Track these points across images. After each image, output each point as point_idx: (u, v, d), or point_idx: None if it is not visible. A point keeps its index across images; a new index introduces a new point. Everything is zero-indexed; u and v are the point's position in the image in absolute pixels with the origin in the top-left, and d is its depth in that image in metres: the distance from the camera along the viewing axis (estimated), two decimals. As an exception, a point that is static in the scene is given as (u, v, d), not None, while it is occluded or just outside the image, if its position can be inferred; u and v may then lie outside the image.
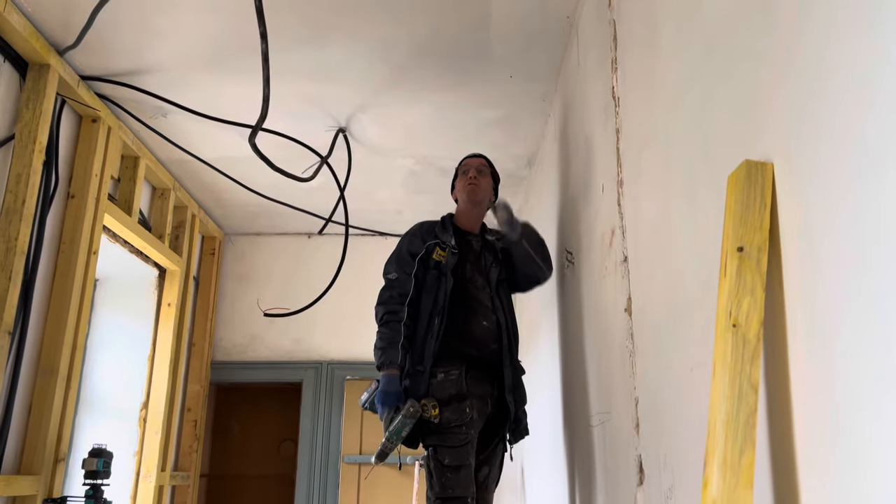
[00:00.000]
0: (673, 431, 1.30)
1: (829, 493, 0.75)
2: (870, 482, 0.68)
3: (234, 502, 4.59)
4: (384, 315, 2.23)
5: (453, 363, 2.16)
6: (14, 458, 2.37)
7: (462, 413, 2.10)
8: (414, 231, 2.37)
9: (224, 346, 4.29)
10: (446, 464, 2.06)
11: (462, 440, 2.09)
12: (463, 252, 2.31)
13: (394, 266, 2.30)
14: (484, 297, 2.29)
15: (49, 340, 2.51)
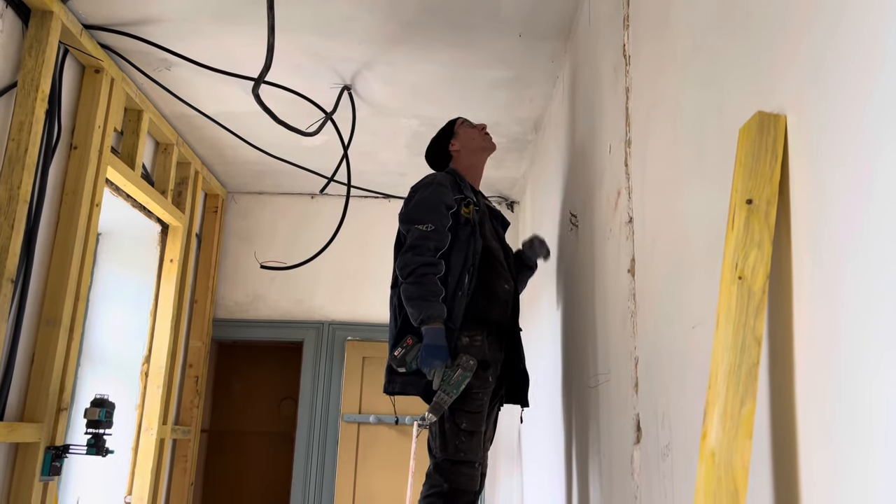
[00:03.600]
0: (672, 390, 1.30)
1: (829, 444, 0.75)
2: (869, 434, 0.68)
3: (234, 458, 4.65)
4: (420, 267, 2.07)
5: (477, 328, 2.11)
6: (17, 406, 2.39)
7: (486, 381, 2.09)
8: (443, 181, 2.22)
9: (226, 304, 4.31)
10: (463, 428, 2.05)
11: (480, 406, 2.09)
12: (481, 210, 2.29)
13: (428, 216, 2.13)
14: (503, 261, 2.28)
15: (52, 291, 2.51)
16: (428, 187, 2.20)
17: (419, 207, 2.16)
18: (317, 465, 4.13)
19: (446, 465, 2.06)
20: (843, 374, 0.73)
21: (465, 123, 2.42)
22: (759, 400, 0.83)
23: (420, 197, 2.19)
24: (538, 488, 3.01)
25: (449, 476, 2.04)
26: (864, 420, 0.69)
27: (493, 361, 2.15)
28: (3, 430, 2.23)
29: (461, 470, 2.05)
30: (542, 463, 2.93)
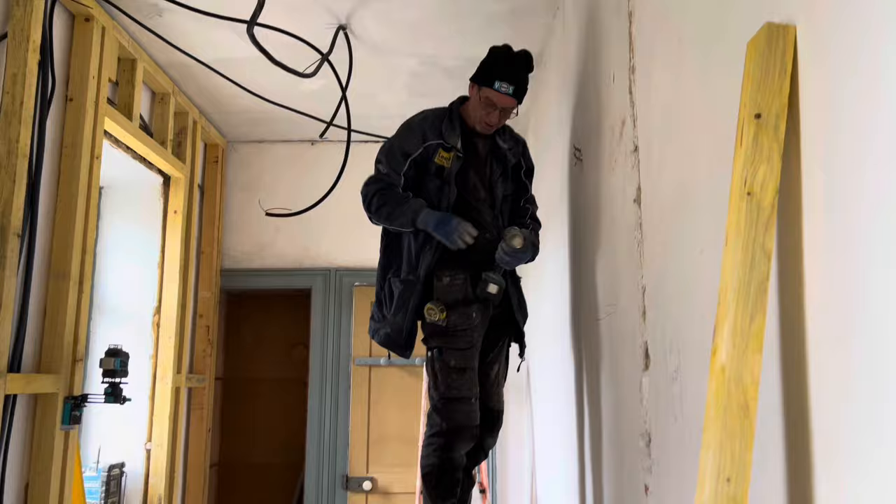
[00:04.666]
0: (680, 315, 1.31)
1: (840, 355, 0.75)
2: (881, 343, 0.68)
3: (249, 404, 4.75)
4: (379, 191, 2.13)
5: (458, 268, 2.13)
6: (33, 358, 2.43)
7: (468, 318, 2.10)
8: (414, 123, 2.18)
9: (232, 255, 4.32)
10: (452, 366, 2.08)
11: (468, 343, 2.11)
12: (468, 157, 2.17)
13: (386, 160, 2.16)
14: (485, 211, 2.20)
15: (58, 244, 2.52)
16: (401, 128, 2.21)
17: (385, 148, 2.20)
18: (330, 408, 4.21)
19: (442, 405, 2.10)
20: (854, 285, 0.73)
21: (487, 90, 2.11)
22: (769, 315, 0.83)
23: (393, 135, 2.21)
24: (548, 423, 3.06)
25: (446, 414, 2.08)
26: (876, 329, 0.69)
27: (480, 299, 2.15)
28: (21, 382, 2.27)
29: (456, 407, 2.09)
30: (550, 399, 2.97)
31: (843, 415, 0.73)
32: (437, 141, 2.14)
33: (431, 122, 2.17)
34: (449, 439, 2.09)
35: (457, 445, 2.10)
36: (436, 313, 2.08)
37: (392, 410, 4.24)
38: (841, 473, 0.73)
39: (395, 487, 4.16)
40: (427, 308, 2.08)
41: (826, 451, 0.77)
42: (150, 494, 3.40)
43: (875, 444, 0.68)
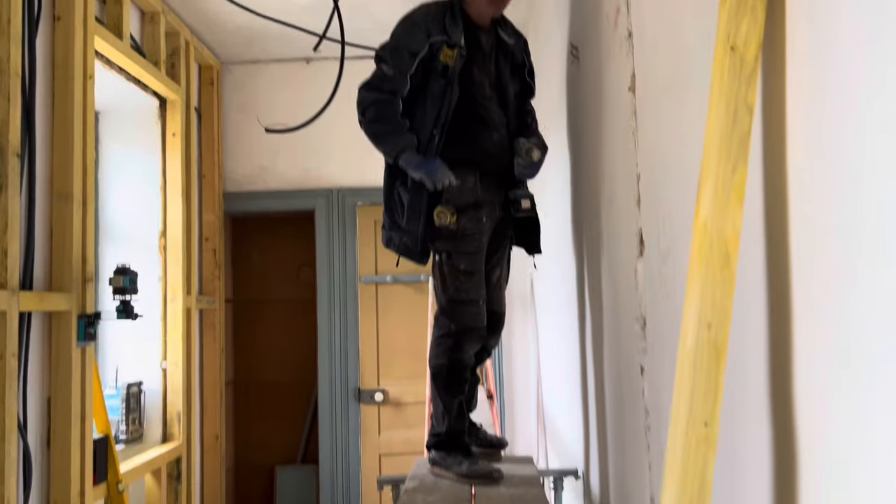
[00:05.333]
0: (672, 198, 1.32)
1: (818, 204, 0.77)
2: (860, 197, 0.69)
3: (260, 325, 4.85)
4: (377, 103, 2.06)
5: (467, 170, 2.10)
6: (44, 278, 2.48)
7: (479, 221, 2.11)
8: (417, 19, 2.08)
9: (234, 178, 4.33)
10: (462, 269, 2.10)
11: (477, 247, 2.13)
12: (472, 53, 2.10)
13: (389, 58, 2.06)
14: (493, 109, 2.17)
15: (59, 165, 2.53)
16: (403, 24, 2.11)
17: (388, 46, 2.10)
18: (340, 325, 4.30)
19: (450, 307, 2.13)
20: (836, 138, 0.74)
21: None
22: (751, 169, 0.84)
23: (392, 33, 2.12)
24: (551, 328, 3.13)
25: (454, 316, 2.13)
26: (856, 180, 0.70)
27: (487, 202, 2.16)
28: (35, 300, 2.33)
29: (465, 309, 2.13)
30: (553, 304, 3.03)
31: (820, 265, 0.76)
32: (441, 37, 2.04)
33: (434, 17, 2.07)
34: (457, 340, 2.14)
35: (465, 346, 2.16)
36: (446, 217, 2.06)
37: (400, 326, 4.34)
38: (818, 318, 0.76)
39: (406, 398, 4.30)
40: (437, 212, 2.06)
41: (804, 299, 0.80)
42: (170, 411, 3.53)
43: (849, 285, 0.70)
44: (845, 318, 0.70)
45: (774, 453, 0.85)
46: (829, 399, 0.73)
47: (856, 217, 0.69)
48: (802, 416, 0.80)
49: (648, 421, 1.51)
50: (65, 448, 2.47)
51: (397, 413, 4.31)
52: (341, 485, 4.22)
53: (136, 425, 3.34)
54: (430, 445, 2.20)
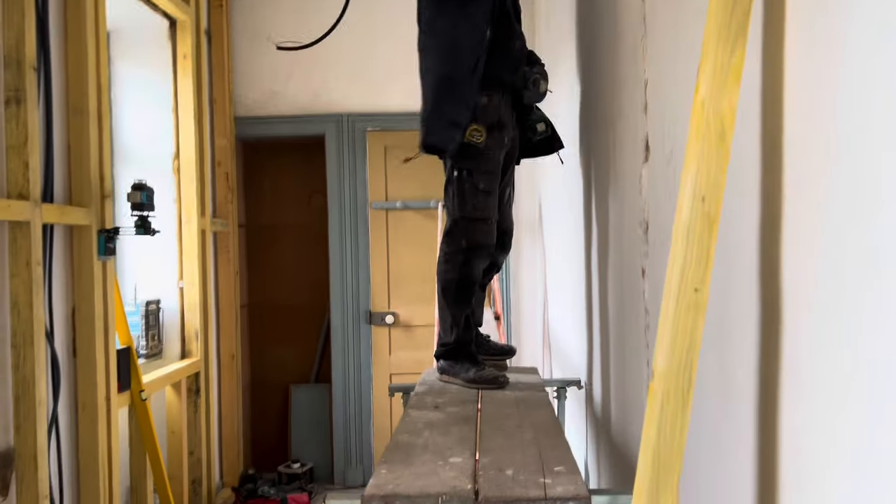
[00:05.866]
0: (677, 101, 1.35)
1: (814, 84, 0.81)
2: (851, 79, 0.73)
3: (272, 249, 4.95)
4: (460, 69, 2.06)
5: (493, 87, 2.12)
6: (64, 192, 2.55)
7: (501, 141, 2.15)
8: None
9: (244, 103, 4.34)
10: (481, 188, 2.14)
11: (495, 166, 2.17)
12: None
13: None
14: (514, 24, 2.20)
15: (74, 80, 2.56)
16: None
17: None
18: (351, 250, 4.39)
19: (464, 224, 2.18)
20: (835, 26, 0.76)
21: None
22: (751, 53, 0.88)
23: None
24: (558, 247, 3.19)
25: (467, 233, 2.18)
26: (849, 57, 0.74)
27: (508, 122, 2.19)
28: (56, 212, 2.40)
29: (478, 227, 2.18)
30: (560, 223, 3.08)
31: (812, 143, 0.80)
32: None
33: None
34: (468, 256, 2.20)
35: (474, 262, 2.22)
36: (480, 134, 2.09)
37: (409, 251, 4.41)
38: (808, 193, 0.81)
39: (415, 320, 4.41)
40: (472, 129, 2.08)
41: (795, 175, 0.85)
42: (187, 329, 3.65)
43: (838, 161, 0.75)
44: (833, 192, 0.75)
45: (761, 318, 0.91)
46: (814, 267, 0.79)
47: (850, 97, 0.73)
48: (788, 284, 0.85)
49: (648, 320, 1.58)
50: (90, 356, 2.59)
51: (407, 335, 4.43)
52: (353, 402, 4.39)
53: (155, 341, 3.47)
54: (439, 355, 2.29)
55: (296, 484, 4.11)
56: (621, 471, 1.91)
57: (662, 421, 0.85)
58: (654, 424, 0.86)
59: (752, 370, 0.94)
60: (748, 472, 0.95)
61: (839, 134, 0.74)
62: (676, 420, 0.85)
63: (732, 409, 1.02)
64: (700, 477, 1.18)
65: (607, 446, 2.10)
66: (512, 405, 1.97)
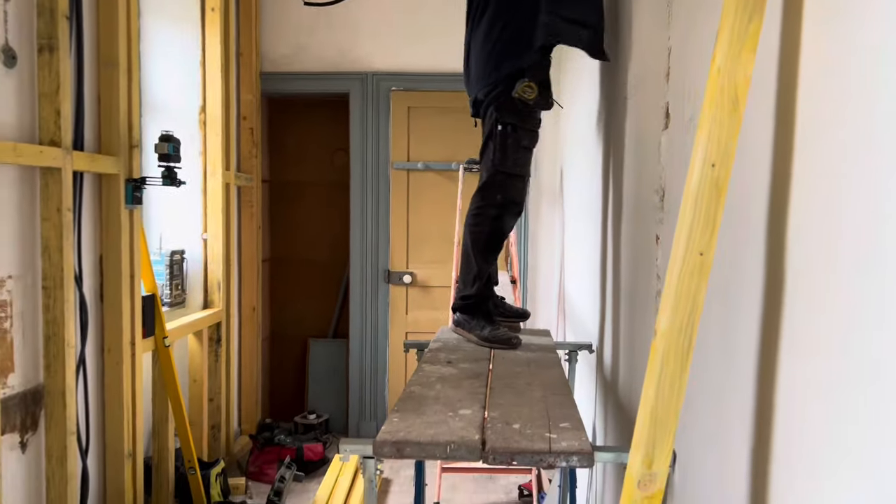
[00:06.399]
0: (698, 66, 1.36)
1: (831, 68, 0.82)
2: (873, 61, 0.74)
3: (294, 206, 5.00)
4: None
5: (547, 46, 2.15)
6: (94, 140, 2.61)
7: (548, 99, 2.17)
8: None
9: (271, 59, 4.36)
10: (523, 144, 2.17)
11: (537, 124, 2.20)
12: None
13: None
14: None
15: (104, 31, 2.60)
16: None
17: None
18: (371, 209, 4.43)
19: (502, 178, 2.20)
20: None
21: None
22: (770, 23, 0.89)
23: None
24: (576, 213, 3.21)
25: (503, 188, 2.20)
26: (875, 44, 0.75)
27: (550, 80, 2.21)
28: (86, 160, 2.46)
29: (515, 183, 2.22)
30: (580, 190, 3.09)
31: (826, 114, 0.81)
32: None
33: None
34: (501, 211, 2.23)
35: (507, 218, 2.25)
36: (532, 91, 2.10)
37: (429, 212, 4.44)
38: (821, 156, 0.83)
39: (433, 281, 4.46)
40: (525, 85, 2.09)
41: (805, 143, 0.86)
42: (210, 280, 3.74)
43: (848, 132, 0.76)
44: (843, 163, 0.77)
45: (765, 283, 0.94)
46: (818, 236, 0.81)
47: (865, 73, 0.74)
48: (793, 250, 0.88)
49: (659, 286, 1.61)
50: (116, 301, 2.67)
51: (424, 294, 4.49)
52: (369, 358, 4.48)
53: (179, 290, 3.55)
54: (457, 308, 2.34)
55: (311, 434, 4.22)
56: (626, 430, 1.96)
57: (662, 379, 0.89)
58: (653, 382, 0.90)
59: (753, 332, 0.97)
60: (746, 428, 0.99)
61: (852, 107, 0.76)
62: (675, 379, 0.88)
63: (733, 368, 1.05)
64: (699, 433, 1.23)
65: (614, 408, 2.15)
66: (523, 364, 2.02)
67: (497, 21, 2.14)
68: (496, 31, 2.14)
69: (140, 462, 2.81)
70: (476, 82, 2.19)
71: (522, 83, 2.09)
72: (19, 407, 2.24)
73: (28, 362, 2.28)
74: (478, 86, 2.18)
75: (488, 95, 2.15)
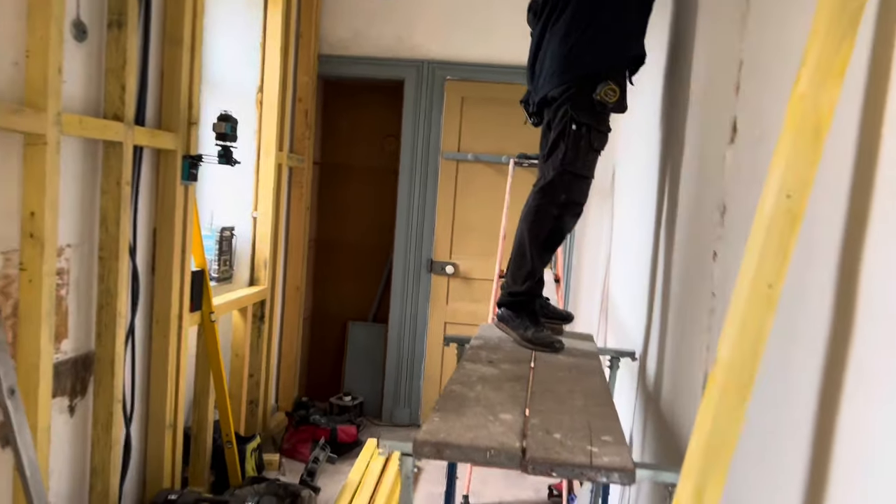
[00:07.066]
0: (773, 82, 1.31)
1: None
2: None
3: (343, 189, 5.04)
4: None
5: None
6: (154, 116, 2.66)
7: (623, 104, 2.15)
8: None
9: (329, 41, 4.38)
10: (594, 146, 2.15)
11: (609, 128, 2.18)
12: None
13: None
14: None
15: (172, 10, 2.64)
16: None
17: None
18: (418, 197, 4.43)
19: (568, 178, 2.17)
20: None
21: None
22: (860, 51, 0.85)
23: None
24: (627, 217, 3.15)
25: (569, 188, 2.17)
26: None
27: None
28: (147, 135, 2.51)
29: (581, 184, 2.19)
30: (632, 193, 3.04)
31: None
32: None
33: None
34: (563, 211, 2.21)
35: (568, 218, 2.23)
36: (614, 94, 2.08)
37: (476, 204, 4.43)
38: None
39: (475, 273, 4.46)
40: (608, 87, 2.07)
41: (887, 179, 0.82)
42: (257, 257, 3.80)
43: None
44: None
45: (833, 321, 0.91)
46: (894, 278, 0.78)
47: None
48: (865, 290, 0.84)
49: (713, 303, 1.57)
50: (167, 275, 2.73)
51: (465, 286, 4.49)
52: (407, 345, 4.50)
53: (226, 266, 3.62)
54: (503, 303, 2.33)
55: (345, 416, 4.28)
56: (666, 446, 1.93)
57: (719, 410, 0.87)
58: (710, 412, 0.88)
59: (816, 372, 0.94)
60: (799, 472, 0.96)
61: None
62: (733, 412, 0.86)
63: (790, 407, 1.02)
64: (748, 467, 1.20)
65: (655, 420, 2.12)
66: (565, 370, 2.00)
67: (578, 21, 2.11)
68: (576, 31, 2.10)
69: (180, 432, 2.88)
70: (548, 80, 2.16)
71: (606, 85, 2.06)
72: (70, 372, 2.31)
73: (81, 329, 2.35)
74: (550, 83, 2.15)
75: (563, 94, 2.12)
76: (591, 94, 2.08)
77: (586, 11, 2.11)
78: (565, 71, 2.11)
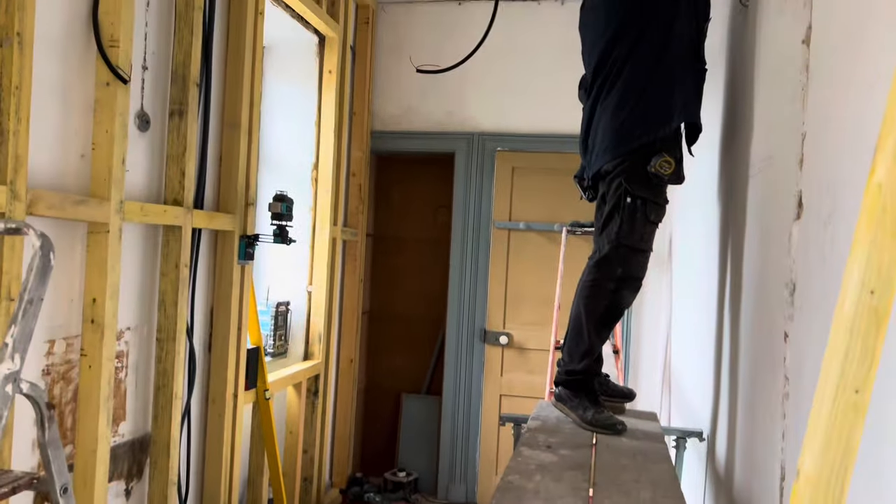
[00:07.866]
0: (840, 158, 1.25)
1: None
2: None
3: (395, 260, 5.06)
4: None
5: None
6: (212, 199, 2.73)
7: (680, 175, 2.12)
8: None
9: (381, 117, 4.48)
10: (651, 219, 2.10)
11: (666, 200, 2.13)
12: None
13: None
14: None
15: (230, 95, 2.74)
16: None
17: None
18: (470, 267, 4.41)
19: (625, 252, 2.11)
20: None
21: None
22: (939, 133, 0.79)
23: None
24: (687, 288, 3.05)
25: (626, 262, 2.11)
26: None
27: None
28: (206, 218, 2.57)
29: (638, 258, 2.13)
30: (691, 263, 2.95)
31: None
32: None
33: None
34: (620, 286, 2.14)
35: (625, 293, 2.16)
36: (669, 166, 2.05)
37: (529, 273, 4.38)
38: None
39: (530, 343, 4.36)
40: (664, 160, 2.04)
41: None
42: (312, 331, 3.81)
43: None
44: None
45: (929, 428, 0.82)
46: None
47: None
48: (967, 394, 0.76)
49: (787, 388, 1.48)
50: (223, 354, 2.75)
51: (520, 357, 4.40)
52: (462, 417, 4.40)
53: (281, 341, 3.63)
54: (560, 382, 2.24)
55: (400, 493, 4.17)
56: (743, 541, 1.80)
57: (807, 529, 0.78)
58: (796, 531, 0.79)
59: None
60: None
61: None
62: (823, 531, 0.78)
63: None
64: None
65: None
66: (629, 455, 1.90)
67: (630, 94, 2.09)
68: (628, 104, 2.08)
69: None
70: (602, 154, 2.13)
71: (661, 158, 2.03)
72: (127, 455, 2.32)
73: (139, 411, 2.36)
74: (604, 157, 2.12)
75: (617, 167, 2.09)
76: (645, 167, 2.04)
77: (638, 85, 2.09)
78: (618, 145, 2.08)
